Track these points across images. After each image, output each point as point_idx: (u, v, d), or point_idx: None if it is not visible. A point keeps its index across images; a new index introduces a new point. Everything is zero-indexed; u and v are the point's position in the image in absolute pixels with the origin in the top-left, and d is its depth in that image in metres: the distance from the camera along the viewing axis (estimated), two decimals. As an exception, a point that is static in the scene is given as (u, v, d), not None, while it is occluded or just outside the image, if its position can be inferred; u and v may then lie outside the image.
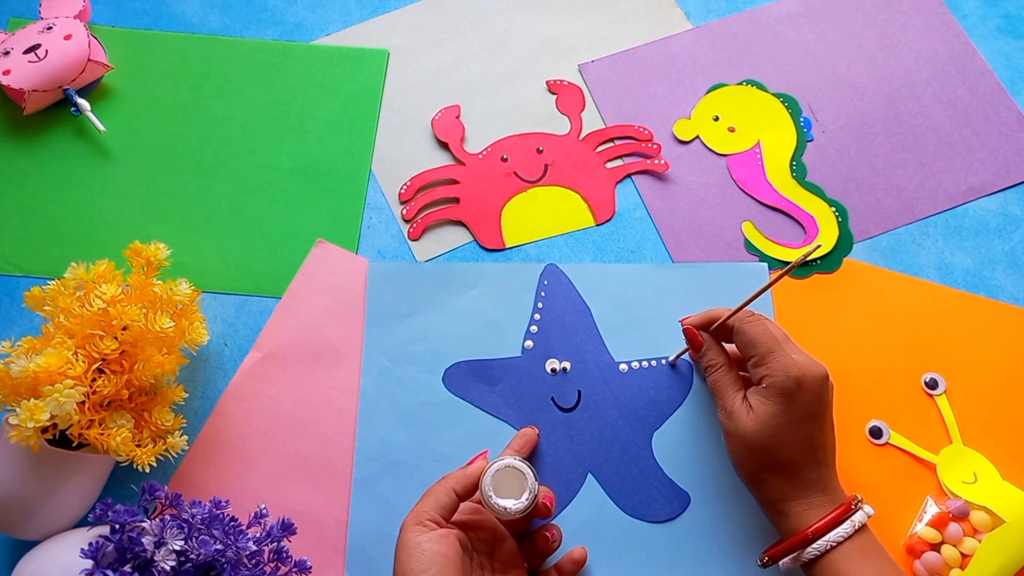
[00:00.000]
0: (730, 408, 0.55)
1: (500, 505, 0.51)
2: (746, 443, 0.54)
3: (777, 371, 0.53)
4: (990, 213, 0.71)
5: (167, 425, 0.57)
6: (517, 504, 0.51)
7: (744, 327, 0.56)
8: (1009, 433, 0.63)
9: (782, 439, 0.53)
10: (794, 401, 0.52)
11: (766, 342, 0.54)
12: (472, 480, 0.54)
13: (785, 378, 0.52)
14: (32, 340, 0.56)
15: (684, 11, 0.80)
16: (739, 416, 0.54)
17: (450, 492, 0.53)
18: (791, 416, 0.52)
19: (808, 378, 0.53)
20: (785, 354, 0.53)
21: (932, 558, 0.58)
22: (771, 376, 0.53)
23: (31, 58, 0.71)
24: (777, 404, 0.53)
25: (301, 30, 0.79)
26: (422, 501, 0.52)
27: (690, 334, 0.60)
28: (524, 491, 0.52)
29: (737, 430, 0.54)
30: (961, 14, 0.80)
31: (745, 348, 0.56)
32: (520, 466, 0.53)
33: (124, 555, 0.51)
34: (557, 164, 0.73)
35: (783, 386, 0.52)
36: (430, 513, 0.51)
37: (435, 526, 0.50)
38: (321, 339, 0.65)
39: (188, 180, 0.72)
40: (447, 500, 0.52)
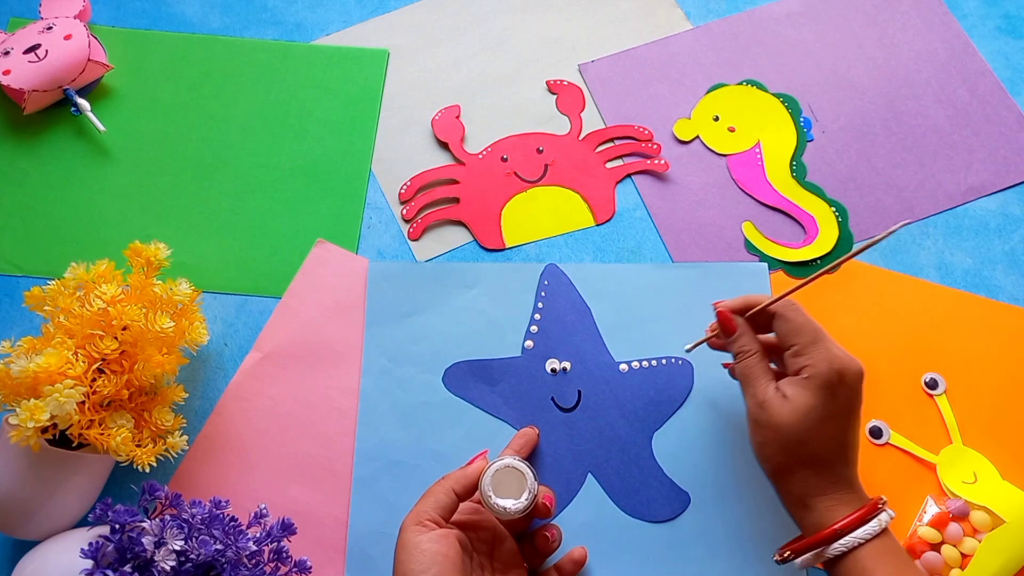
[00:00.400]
0: (762, 397, 0.53)
1: (500, 505, 0.51)
2: (780, 434, 0.51)
3: (821, 361, 0.51)
4: (990, 213, 0.71)
5: (167, 425, 0.57)
6: (516, 504, 0.51)
7: (789, 313, 0.54)
8: (1009, 433, 0.63)
9: (818, 433, 0.51)
10: (835, 395, 0.51)
11: (811, 331, 0.53)
12: (472, 480, 0.54)
13: (829, 370, 0.51)
14: (32, 340, 0.56)
15: (684, 11, 0.80)
16: (773, 406, 0.52)
17: (450, 492, 0.53)
18: (830, 410, 0.51)
19: (849, 372, 0.51)
20: (827, 346, 0.52)
21: (932, 558, 0.58)
22: (814, 366, 0.51)
23: (31, 58, 0.71)
24: (818, 396, 0.51)
25: (301, 30, 0.79)
26: (422, 501, 0.52)
27: (724, 317, 0.57)
28: (524, 491, 0.52)
29: (771, 420, 0.52)
30: (961, 14, 0.80)
31: (788, 336, 0.54)
32: (520, 466, 0.53)
33: (124, 555, 0.51)
34: (557, 164, 0.73)
35: (826, 378, 0.51)
36: (430, 513, 0.51)
37: (435, 526, 0.50)
38: (321, 339, 0.65)
39: (188, 180, 0.72)
40: (447, 500, 0.52)
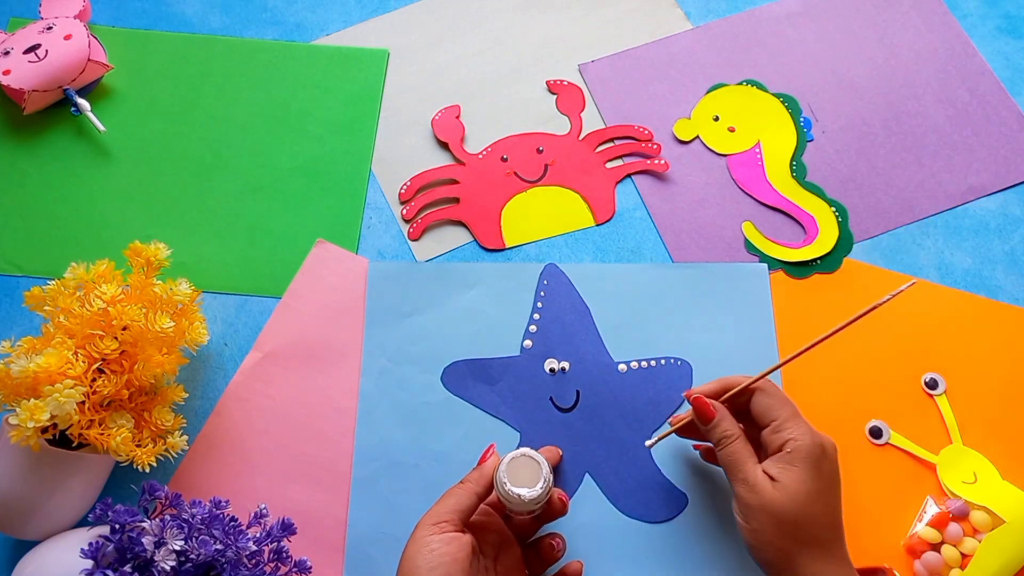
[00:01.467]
0: (752, 480, 0.51)
1: (515, 493, 0.51)
2: (775, 517, 0.49)
3: (803, 435, 0.50)
4: (990, 213, 0.71)
5: (167, 425, 0.57)
6: (532, 492, 0.51)
7: (769, 388, 0.54)
8: (1009, 433, 0.63)
9: (813, 510, 0.49)
10: (820, 469, 0.50)
11: (789, 406, 0.53)
12: (488, 477, 0.53)
13: (812, 443, 0.50)
14: (32, 340, 0.56)
15: (684, 11, 0.80)
16: (763, 488, 0.50)
17: (470, 494, 0.52)
18: (819, 484, 0.50)
19: (829, 448, 0.51)
20: (805, 421, 0.52)
21: (932, 558, 0.58)
22: (796, 440, 0.50)
23: (31, 58, 0.71)
24: (805, 471, 0.50)
25: (301, 30, 0.79)
26: (441, 501, 0.52)
27: (701, 404, 0.55)
28: (539, 479, 0.51)
29: (763, 503, 0.50)
30: (961, 14, 0.80)
31: (767, 411, 0.53)
32: (535, 455, 0.52)
33: (124, 555, 0.51)
34: (557, 164, 0.73)
35: (809, 451, 0.50)
36: (448, 515, 0.51)
37: (450, 528, 0.50)
38: (321, 339, 0.65)
39: (188, 180, 0.72)
40: (467, 502, 0.52)
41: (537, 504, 0.52)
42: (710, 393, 0.56)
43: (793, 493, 0.49)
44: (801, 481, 0.49)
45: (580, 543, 0.59)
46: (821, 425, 0.63)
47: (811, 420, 0.63)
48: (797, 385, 0.64)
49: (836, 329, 0.53)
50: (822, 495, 0.50)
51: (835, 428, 0.63)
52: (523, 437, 0.62)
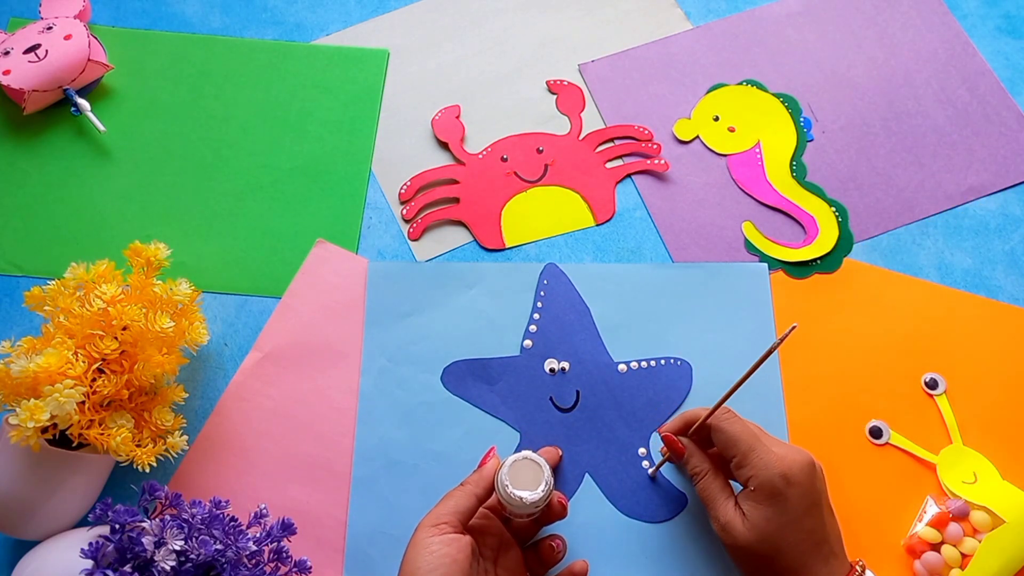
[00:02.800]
0: (723, 519, 0.51)
1: (517, 496, 0.50)
2: (748, 554, 0.50)
3: (761, 470, 0.50)
4: (990, 213, 0.71)
5: (167, 425, 0.57)
6: (533, 495, 0.51)
7: (722, 425, 0.53)
8: (1009, 433, 0.63)
9: (784, 543, 0.49)
10: (786, 499, 0.49)
11: (745, 439, 0.51)
12: (488, 480, 0.53)
13: (770, 476, 0.49)
14: (32, 340, 0.56)
15: (684, 11, 0.80)
16: (735, 527, 0.50)
17: (471, 496, 0.52)
18: (787, 516, 0.49)
19: (795, 470, 0.50)
20: (766, 449, 0.51)
21: (932, 558, 0.58)
22: (756, 476, 0.50)
23: (31, 58, 0.71)
24: (769, 507, 0.49)
25: (301, 30, 0.79)
26: (442, 503, 0.52)
27: (669, 441, 0.56)
28: (541, 482, 0.51)
29: (736, 542, 0.50)
30: (961, 14, 0.80)
31: (726, 448, 0.53)
32: (536, 458, 0.52)
33: (124, 555, 0.51)
34: (557, 164, 0.73)
35: (771, 485, 0.49)
36: (448, 516, 0.51)
37: (450, 529, 0.50)
38: (321, 339, 0.65)
39: (188, 180, 0.72)
40: (467, 504, 0.52)
41: (538, 507, 0.52)
42: (675, 429, 0.56)
43: (763, 531, 0.49)
44: (767, 518, 0.49)
45: (579, 543, 0.59)
46: (821, 425, 0.63)
47: (811, 420, 0.63)
48: (797, 385, 0.64)
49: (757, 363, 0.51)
50: (792, 524, 0.49)
51: (835, 428, 0.63)
52: (523, 437, 0.62)
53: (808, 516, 0.50)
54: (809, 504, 0.50)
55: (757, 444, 0.51)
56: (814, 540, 0.50)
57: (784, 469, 0.50)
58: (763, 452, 0.50)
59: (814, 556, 0.49)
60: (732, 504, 0.52)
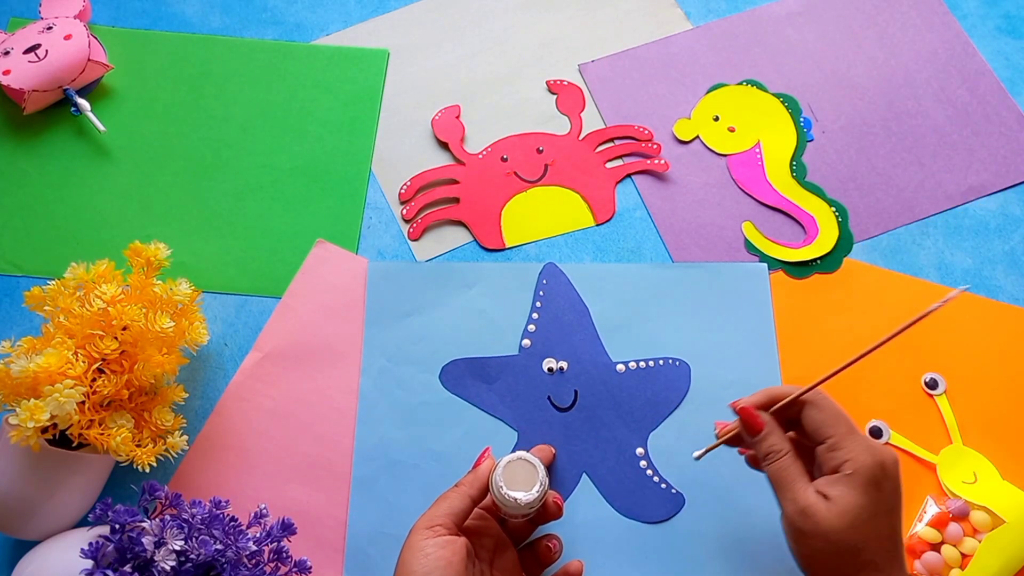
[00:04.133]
0: (804, 503, 0.47)
1: (511, 496, 0.50)
2: (831, 543, 0.46)
3: (862, 454, 0.47)
4: (990, 213, 0.71)
5: (167, 425, 0.57)
6: (528, 495, 0.50)
7: (822, 403, 0.50)
8: (1009, 433, 0.63)
9: (871, 534, 0.46)
10: (881, 489, 0.46)
11: (845, 422, 0.48)
12: (483, 480, 0.53)
13: (873, 463, 0.46)
14: (32, 340, 0.56)
15: (684, 11, 0.80)
16: (819, 512, 0.46)
17: (465, 498, 0.52)
18: (880, 507, 0.46)
19: (889, 463, 0.47)
20: (864, 437, 0.48)
21: (932, 558, 0.58)
22: (856, 460, 0.46)
23: (31, 58, 0.71)
24: (866, 493, 0.46)
25: (301, 30, 0.79)
26: (435, 506, 0.51)
27: (749, 416, 0.51)
28: (536, 482, 0.51)
29: (818, 528, 0.46)
30: (961, 14, 0.80)
31: (821, 428, 0.49)
32: (531, 458, 0.52)
33: (124, 555, 0.51)
34: (557, 164, 0.73)
35: (871, 471, 0.46)
36: (442, 518, 0.50)
37: (444, 531, 0.50)
38: (321, 339, 0.65)
39: (188, 180, 0.72)
40: (461, 505, 0.51)
41: (532, 508, 0.52)
42: (758, 404, 0.52)
43: (852, 519, 0.46)
44: (861, 506, 0.46)
45: (577, 543, 0.59)
46: (821, 425, 0.63)
47: (811, 420, 0.63)
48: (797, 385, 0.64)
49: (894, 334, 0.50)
50: (883, 516, 0.47)
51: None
52: (521, 436, 0.62)
53: (893, 513, 0.47)
54: (896, 502, 0.48)
55: (855, 429, 0.48)
56: (895, 540, 0.47)
57: (882, 459, 0.47)
58: (863, 438, 0.48)
59: (894, 556, 0.47)
60: (812, 489, 0.48)
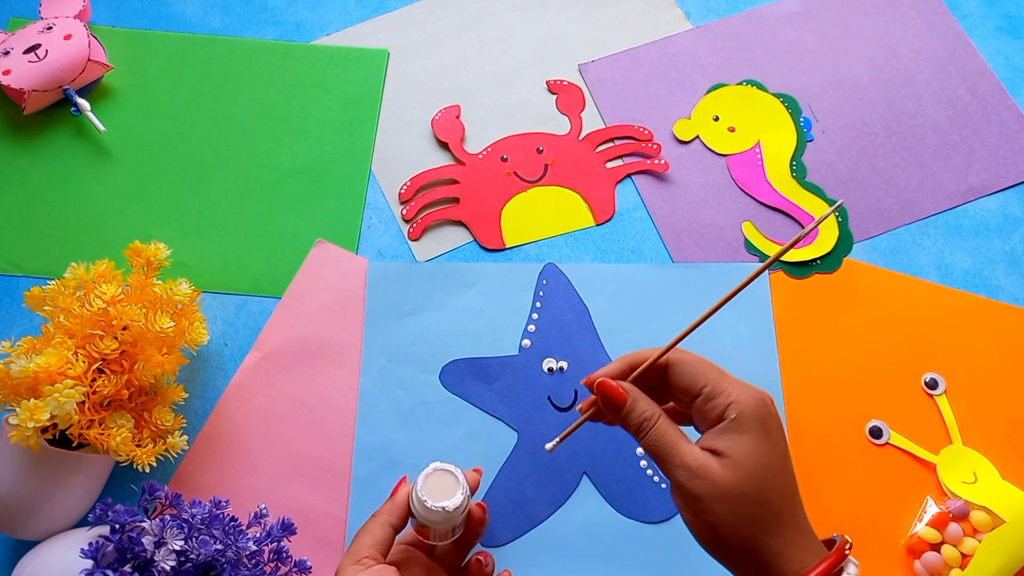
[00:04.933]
0: (693, 464, 0.41)
1: (438, 506, 0.49)
2: (733, 502, 0.41)
3: (742, 394, 0.42)
4: (990, 213, 0.71)
5: (167, 425, 0.57)
6: (453, 501, 0.49)
7: (685, 358, 0.45)
8: (1009, 433, 0.63)
9: (773, 482, 0.41)
10: (770, 430, 0.42)
11: (715, 368, 0.44)
12: (401, 506, 0.51)
13: (756, 400, 0.42)
14: (32, 340, 0.56)
15: (684, 11, 0.80)
16: (711, 470, 0.41)
17: (385, 526, 0.51)
18: (774, 449, 0.42)
19: (770, 399, 0.43)
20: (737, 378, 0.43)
21: (932, 558, 0.58)
22: (739, 402, 0.42)
23: (31, 58, 0.71)
24: (758, 436, 0.41)
25: (301, 30, 0.79)
26: (356, 540, 0.50)
27: (607, 389, 0.45)
28: (458, 488, 0.50)
29: (715, 488, 0.41)
30: (961, 14, 0.80)
31: (693, 381, 0.43)
32: (448, 466, 0.51)
33: (124, 555, 0.51)
34: (557, 164, 0.73)
35: (756, 411, 0.41)
36: (367, 550, 0.49)
37: (372, 563, 0.48)
38: (321, 339, 0.65)
39: (188, 180, 0.72)
40: (382, 534, 0.50)
41: (459, 517, 0.50)
42: (615, 374, 0.46)
43: (749, 467, 0.41)
44: (755, 451, 0.41)
45: (577, 543, 0.59)
46: (821, 425, 0.63)
47: (811, 420, 0.63)
48: (797, 385, 0.64)
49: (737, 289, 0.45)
50: (779, 460, 0.42)
51: (835, 428, 0.63)
52: (521, 436, 0.63)
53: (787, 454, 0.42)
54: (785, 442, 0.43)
55: (725, 373, 0.44)
56: (794, 487, 0.42)
57: (763, 395, 0.42)
58: (736, 380, 0.43)
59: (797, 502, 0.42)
60: (697, 448, 0.42)
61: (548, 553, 0.59)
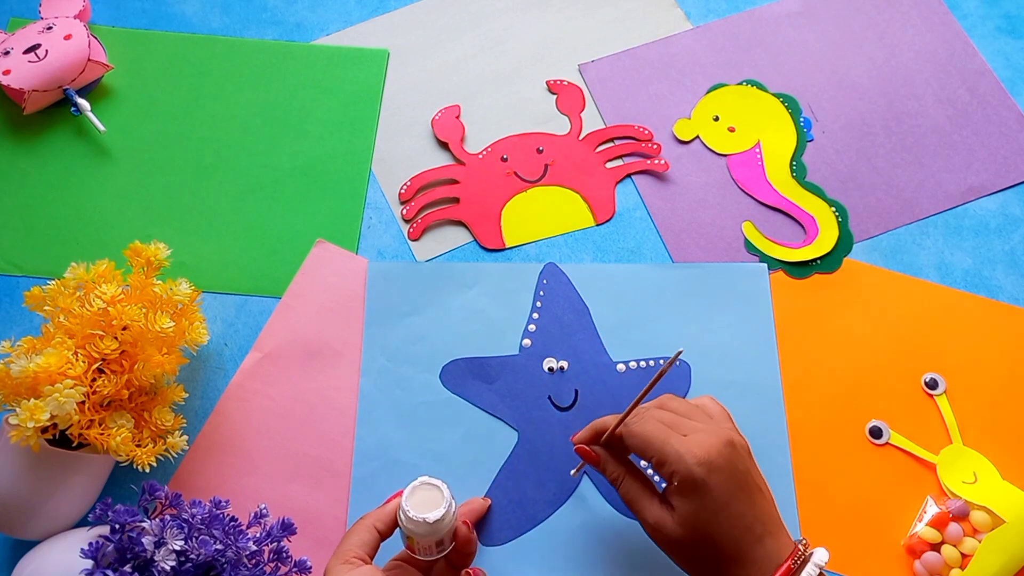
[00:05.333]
0: (652, 520, 0.50)
1: (420, 517, 0.50)
2: (683, 549, 0.49)
3: (678, 463, 0.48)
4: (990, 213, 0.71)
5: (167, 425, 0.57)
6: (436, 512, 0.50)
7: (632, 429, 0.51)
8: (1009, 433, 0.63)
9: (715, 532, 0.48)
10: (710, 488, 0.47)
11: (657, 435, 0.49)
12: (391, 515, 0.52)
13: (689, 467, 0.47)
14: (32, 340, 0.56)
15: (684, 11, 0.80)
16: (664, 524, 0.49)
17: (370, 529, 0.52)
18: (714, 504, 0.47)
19: (713, 455, 0.48)
20: (679, 440, 0.49)
21: (932, 558, 0.58)
22: (678, 471, 0.48)
23: (31, 58, 0.71)
24: (695, 497, 0.48)
25: (301, 30, 0.79)
26: (344, 541, 0.51)
27: (583, 452, 0.55)
28: (442, 502, 0.50)
29: (668, 540, 0.49)
30: (961, 14, 0.80)
31: (642, 452, 0.50)
32: (434, 481, 0.51)
33: (124, 555, 0.51)
34: (557, 164, 0.73)
35: (691, 476, 0.47)
36: (354, 551, 0.50)
37: (359, 562, 0.49)
38: (321, 339, 0.65)
39: (188, 180, 0.72)
40: (368, 537, 0.51)
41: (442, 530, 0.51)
42: (587, 439, 0.55)
43: (694, 521, 0.48)
44: (699, 507, 0.48)
45: (577, 543, 0.59)
46: (821, 425, 0.63)
47: (811, 420, 0.63)
48: (798, 385, 0.64)
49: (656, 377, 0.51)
50: (721, 512, 0.48)
51: (835, 428, 0.63)
52: (521, 436, 0.63)
53: (735, 500, 0.48)
54: (734, 488, 0.48)
55: (669, 436, 0.49)
56: (744, 524, 0.48)
57: (701, 456, 0.48)
58: (677, 443, 0.48)
59: (747, 540, 0.48)
60: (658, 502, 0.50)
61: (548, 553, 0.59)
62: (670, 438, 0.49)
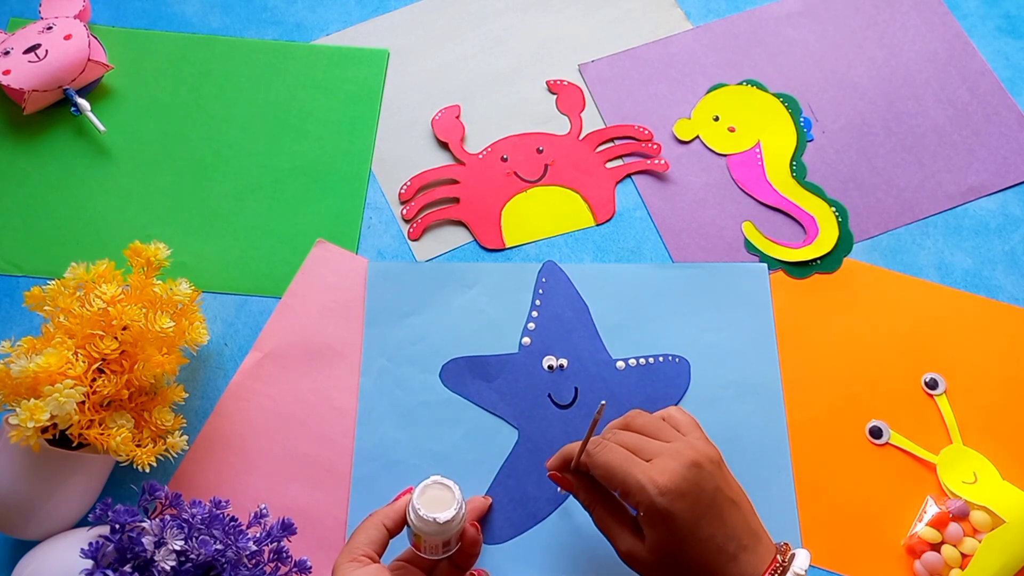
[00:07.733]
0: (624, 548, 0.50)
1: (430, 517, 0.50)
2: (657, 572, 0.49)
3: (642, 494, 0.47)
4: (990, 213, 0.71)
5: (167, 425, 0.57)
6: (446, 513, 0.50)
7: (595, 460, 0.50)
8: (1009, 433, 0.63)
9: (686, 558, 0.47)
10: (675, 516, 0.47)
11: (619, 466, 0.49)
12: (400, 513, 0.52)
13: (651, 499, 0.47)
14: (32, 340, 0.56)
15: (684, 11, 0.80)
16: (636, 553, 0.49)
17: (379, 526, 0.51)
18: (683, 531, 0.47)
19: (676, 482, 0.47)
20: (641, 470, 0.48)
21: (932, 558, 0.58)
22: (641, 502, 0.48)
23: (31, 58, 0.71)
24: (661, 526, 0.47)
25: (301, 30, 0.79)
26: (352, 538, 0.51)
27: (556, 480, 0.54)
28: (453, 503, 0.50)
29: (643, 566, 0.49)
30: (961, 14, 0.80)
31: (606, 482, 0.50)
32: (446, 481, 0.51)
33: (124, 555, 0.51)
34: (557, 164, 0.73)
35: (656, 509, 0.47)
36: (363, 548, 0.50)
37: (368, 561, 0.49)
38: (321, 339, 0.65)
39: (188, 180, 0.72)
40: (377, 535, 0.51)
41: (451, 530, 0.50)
42: (557, 467, 0.54)
43: (663, 551, 0.48)
44: (665, 534, 0.47)
45: (576, 542, 0.59)
46: (821, 425, 0.63)
47: (811, 420, 0.63)
48: (797, 385, 0.64)
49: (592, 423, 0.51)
50: (690, 537, 0.47)
51: (835, 428, 0.63)
52: (521, 434, 0.63)
53: (703, 523, 0.48)
54: (702, 511, 0.48)
55: (632, 467, 0.48)
56: (715, 545, 0.48)
57: (664, 484, 0.47)
58: (639, 473, 0.48)
59: (719, 561, 0.47)
60: (629, 530, 0.50)
61: (549, 551, 0.59)
62: (632, 468, 0.48)
